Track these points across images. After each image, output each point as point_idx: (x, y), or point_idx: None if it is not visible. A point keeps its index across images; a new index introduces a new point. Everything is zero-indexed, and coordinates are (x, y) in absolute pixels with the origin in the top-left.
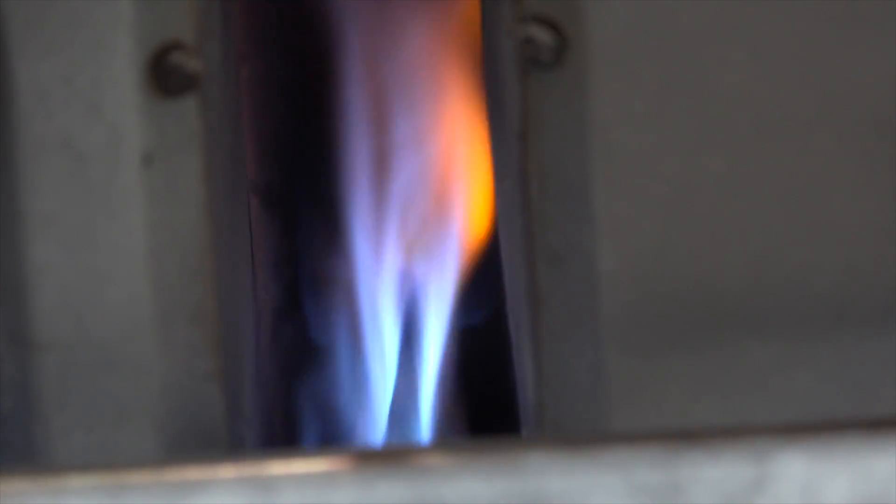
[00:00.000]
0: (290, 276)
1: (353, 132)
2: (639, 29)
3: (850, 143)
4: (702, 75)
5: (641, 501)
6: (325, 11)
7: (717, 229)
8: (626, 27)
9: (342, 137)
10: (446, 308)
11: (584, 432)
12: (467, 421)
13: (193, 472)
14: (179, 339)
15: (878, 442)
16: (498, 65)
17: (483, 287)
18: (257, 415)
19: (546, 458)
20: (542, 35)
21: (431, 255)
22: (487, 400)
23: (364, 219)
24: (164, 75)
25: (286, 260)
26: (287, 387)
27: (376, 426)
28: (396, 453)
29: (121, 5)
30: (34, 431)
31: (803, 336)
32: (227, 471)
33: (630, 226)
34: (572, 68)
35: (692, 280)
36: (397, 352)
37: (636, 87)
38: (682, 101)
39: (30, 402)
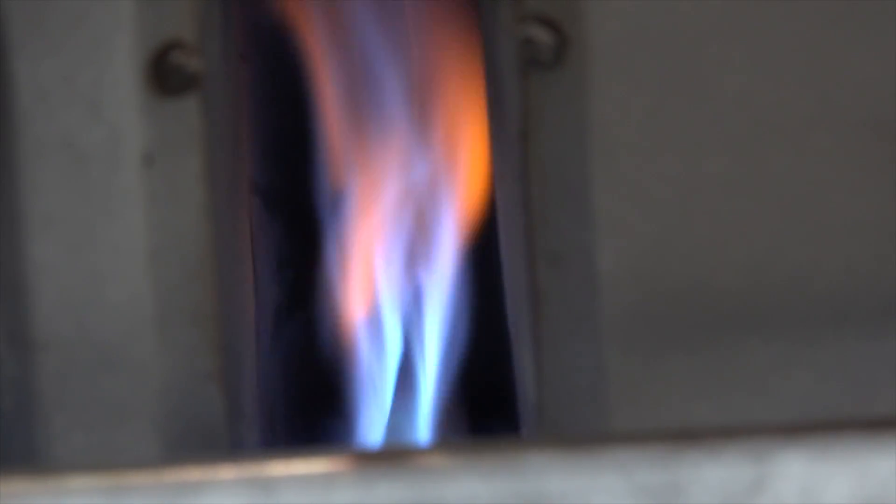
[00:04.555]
0: (290, 276)
1: (353, 132)
2: (639, 29)
3: (850, 143)
4: (702, 75)
5: (641, 501)
6: (325, 11)
7: (717, 229)
8: (626, 27)
9: (342, 137)
10: (446, 307)
11: (584, 432)
12: (467, 421)
13: (193, 473)
14: (179, 339)
15: (878, 442)
16: (498, 65)
17: (483, 286)
18: (257, 415)
19: (546, 458)
20: (542, 35)
21: (431, 254)
22: (487, 400)
23: (364, 219)
24: (164, 75)
25: (286, 260)
26: (287, 387)
27: (376, 426)
28: (396, 453)
29: (121, 5)
30: (34, 431)
31: (803, 336)
32: (227, 471)
33: (630, 226)
34: (572, 68)
35: (692, 280)
36: (397, 352)
37: (636, 87)
38: (682, 101)
39: (30, 402)
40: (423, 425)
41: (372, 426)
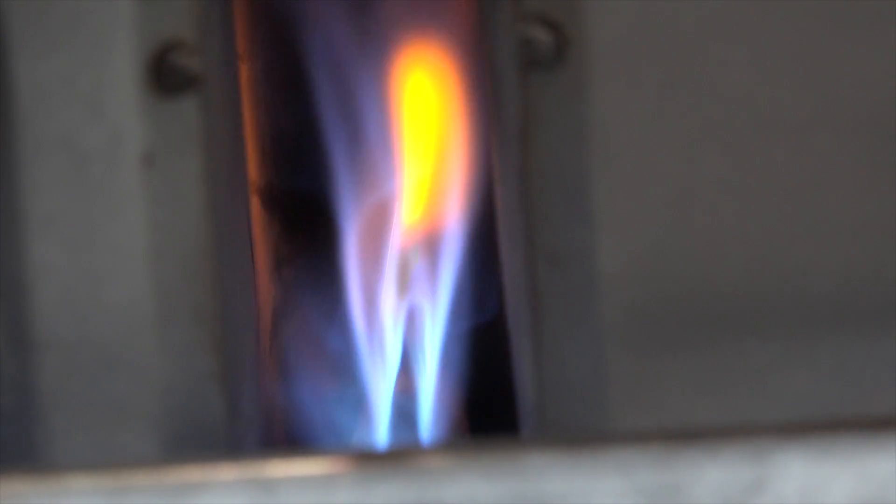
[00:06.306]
0: (290, 276)
1: (352, 132)
2: (639, 29)
3: (850, 143)
4: (702, 75)
5: (641, 501)
6: (324, 11)
7: (717, 229)
8: (626, 27)
9: (341, 137)
10: (446, 308)
11: (584, 432)
12: (467, 421)
13: (193, 473)
14: (179, 339)
15: (878, 442)
16: (498, 65)
17: (483, 287)
18: (257, 415)
19: (546, 458)
20: (542, 35)
21: (431, 254)
22: (487, 400)
23: (364, 219)
24: (164, 75)
25: (286, 260)
26: (287, 387)
27: (376, 427)
28: (397, 454)
29: (121, 5)
30: (34, 431)
31: (803, 336)
32: (228, 471)
33: (630, 226)
34: (572, 68)
35: (692, 280)
36: (398, 352)
37: (636, 87)
38: (682, 101)
39: (30, 402)
40: (423, 425)
41: (372, 426)
